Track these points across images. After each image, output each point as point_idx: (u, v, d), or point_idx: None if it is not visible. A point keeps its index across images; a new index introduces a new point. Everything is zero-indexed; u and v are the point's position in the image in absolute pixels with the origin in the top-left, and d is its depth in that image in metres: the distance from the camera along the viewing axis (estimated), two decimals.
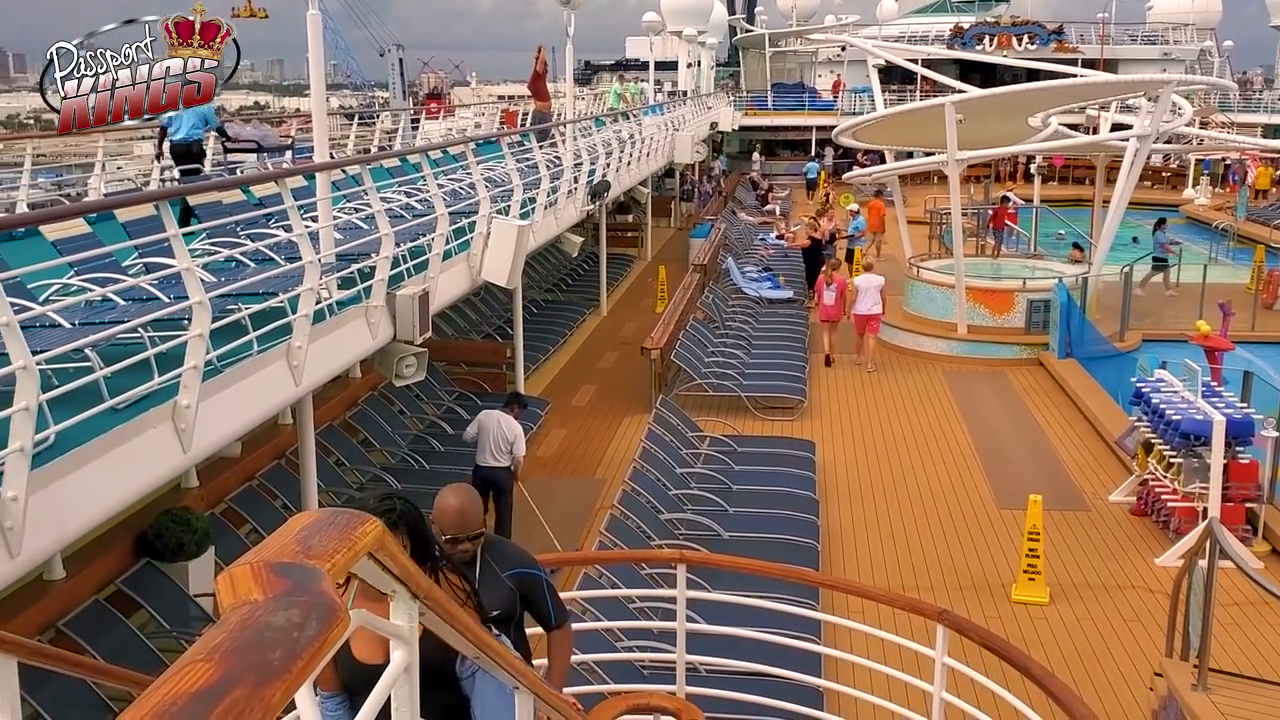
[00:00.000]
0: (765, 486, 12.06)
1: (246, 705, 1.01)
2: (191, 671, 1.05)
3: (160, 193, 8.46)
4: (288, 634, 1.14)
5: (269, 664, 1.08)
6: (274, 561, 1.29)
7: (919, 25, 54.92)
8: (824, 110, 51.28)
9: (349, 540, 1.44)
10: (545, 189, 14.79)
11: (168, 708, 0.98)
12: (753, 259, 26.65)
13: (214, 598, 9.30)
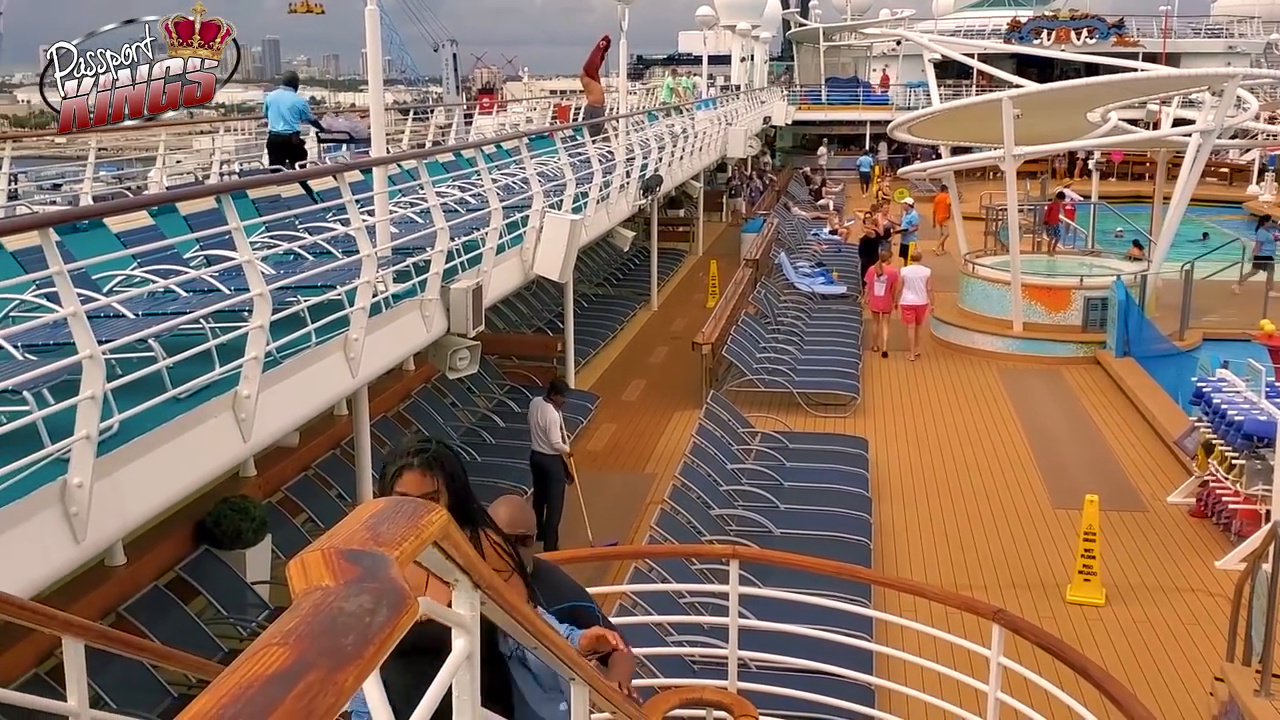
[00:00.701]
0: (817, 483, 12.01)
1: (321, 689, 1.02)
2: (267, 655, 1.07)
3: (222, 186, 8.59)
4: (359, 619, 1.15)
5: (342, 649, 1.09)
6: (344, 548, 1.31)
7: (975, 19, 54.20)
8: (878, 105, 50.86)
9: (416, 528, 1.45)
10: (597, 183, 14.82)
11: (244, 690, 1.00)
12: (806, 254, 26.52)
13: (270, 585, 9.46)
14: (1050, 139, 21.84)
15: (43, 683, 7.23)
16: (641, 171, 18.23)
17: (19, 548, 4.29)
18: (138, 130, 12.82)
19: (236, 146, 20.36)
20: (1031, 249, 23.53)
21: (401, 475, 3.10)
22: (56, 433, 4.74)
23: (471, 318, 9.57)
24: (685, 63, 63.18)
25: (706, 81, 37.40)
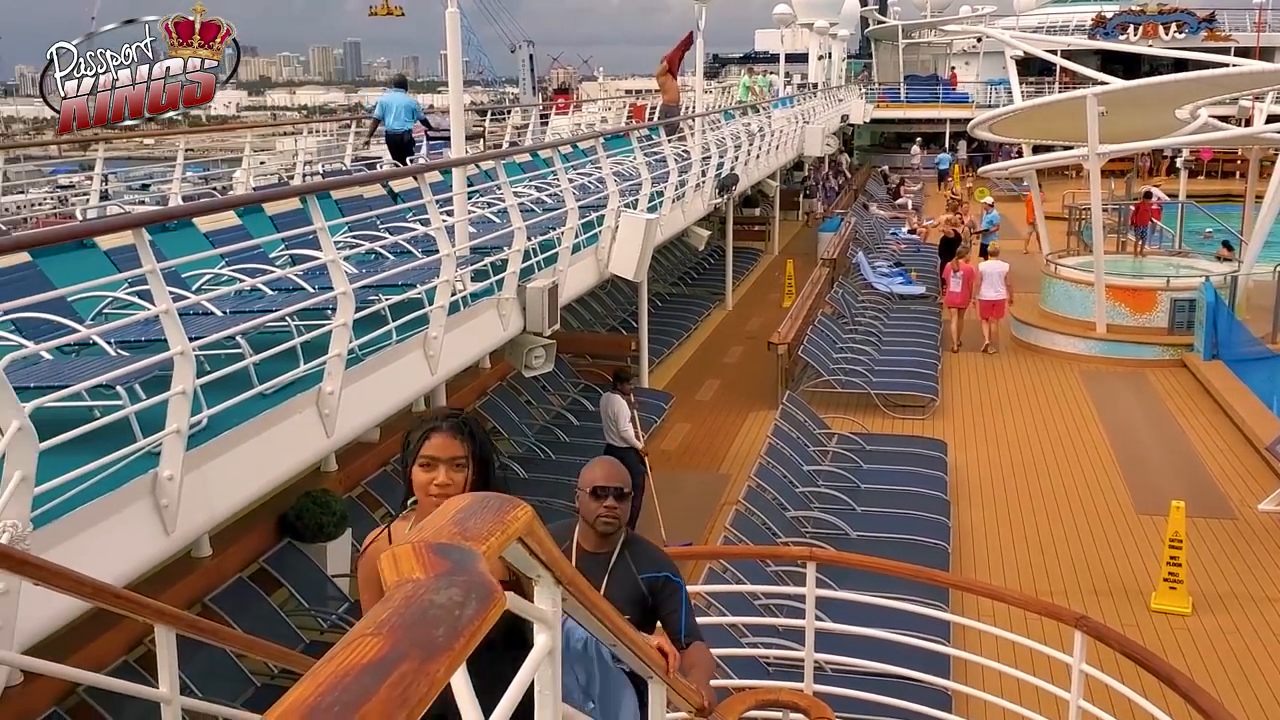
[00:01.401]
0: (895, 486, 11.89)
1: (414, 678, 1.04)
2: (361, 644, 1.09)
3: (307, 187, 8.76)
4: (449, 612, 1.17)
5: (434, 640, 1.11)
6: (434, 542, 1.33)
7: (1058, 15, 53.13)
8: (958, 103, 50.13)
9: (502, 524, 1.47)
10: (673, 182, 14.83)
11: (341, 677, 1.02)
12: (884, 254, 26.25)
13: (350, 578, 9.62)
14: (1136, 137, 21.32)
15: (132, 670, 7.45)
16: (717, 170, 18.19)
17: (112, 538, 4.42)
18: (223, 131, 13.10)
19: (319, 147, 20.74)
20: (1116, 249, 23.02)
21: (430, 437, 3.04)
22: (147, 427, 4.88)
23: (547, 316, 9.64)
24: (761, 61, 63.00)
25: (783, 80, 37.15)
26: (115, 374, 4.76)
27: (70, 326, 5.86)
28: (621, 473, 3.76)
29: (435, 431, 3.04)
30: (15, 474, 3.56)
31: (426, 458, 3.00)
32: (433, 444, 3.03)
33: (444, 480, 2.99)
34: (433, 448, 3.02)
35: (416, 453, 3.02)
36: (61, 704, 7.18)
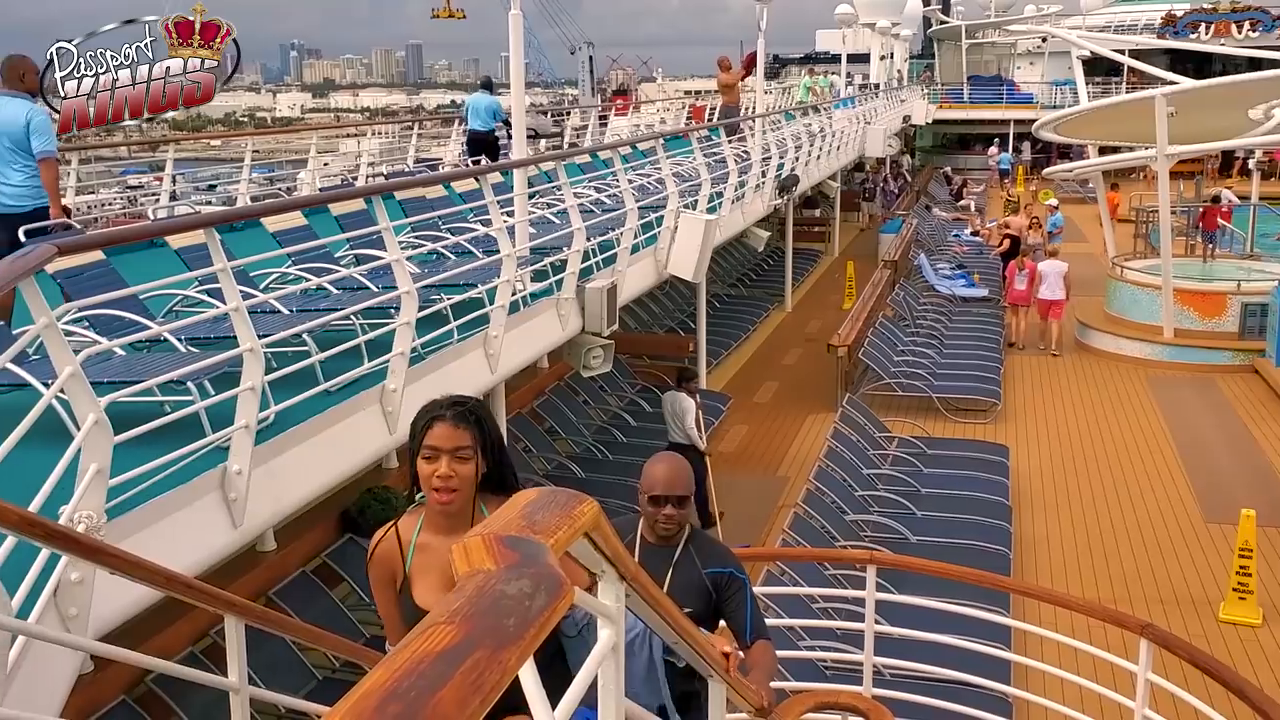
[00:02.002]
0: (955, 491, 11.76)
1: (487, 666, 1.06)
2: (435, 633, 1.11)
3: (372, 188, 8.87)
4: (520, 603, 1.19)
5: (505, 629, 1.13)
6: (503, 534, 1.35)
7: (1126, 13, 52.25)
8: (1022, 103, 49.47)
9: (569, 519, 1.49)
10: (733, 183, 14.80)
11: (416, 664, 1.04)
12: (946, 256, 25.98)
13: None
14: (1207, 138, 20.91)
15: (198, 660, 7.61)
16: (778, 171, 18.13)
17: (183, 531, 4.52)
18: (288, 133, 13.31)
19: (380, 149, 21.00)
20: (1184, 252, 22.58)
21: (432, 426, 2.87)
22: (215, 422, 4.98)
23: (606, 317, 9.68)
24: (822, 61, 62.61)
25: (845, 80, 36.93)
26: (187, 370, 4.86)
27: (142, 323, 6.00)
28: (681, 477, 3.67)
29: (438, 420, 2.88)
30: (91, 466, 3.65)
31: (429, 448, 2.85)
32: (435, 434, 2.87)
33: (445, 472, 2.84)
34: (435, 438, 2.86)
35: (420, 443, 2.87)
36: (130, 693, 7.35)
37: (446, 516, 2.91)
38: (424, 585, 2.91)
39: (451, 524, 2.90)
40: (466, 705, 1.01)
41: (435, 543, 2.92)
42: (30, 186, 6.91)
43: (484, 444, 2.91)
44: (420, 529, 2.95)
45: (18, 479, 3.60)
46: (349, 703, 0.99)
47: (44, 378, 4.67)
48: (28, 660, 3.04)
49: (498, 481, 2.98)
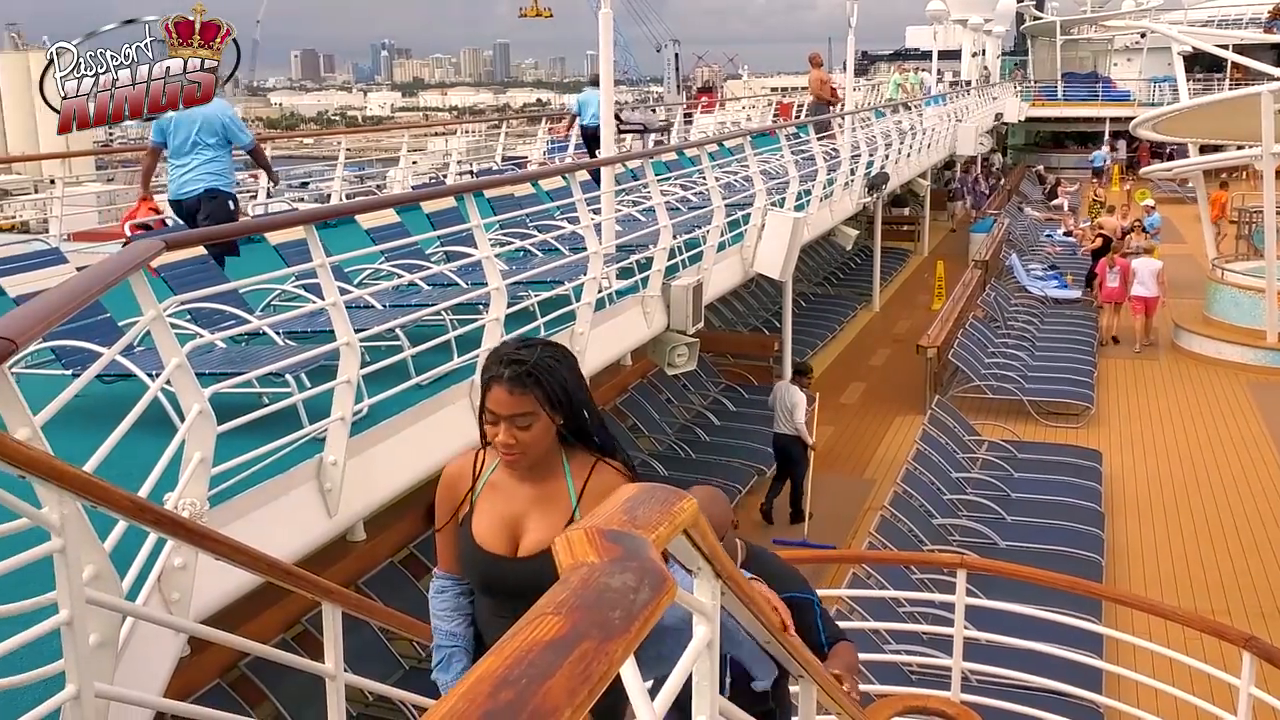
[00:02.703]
0: (1046, 496, 11.54)
1: (594, 657, 1.07)
2: (542, 623, 1.12)
3: (463, 186, 8.98)
4: (624, 596, 1.19)
5: (611, 622, 1.14)
6: (605, 528, 1.36)
7: (1230, 7, 50.62)
8: (1118, 101, 48.22)
9: (670, 515, 1.49)
10: (821, 180, 14.68)
11: (526, 653, 1.06)
12: (1038, 256, 25.48)
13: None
14: None
15: (290, 647, 7.78)
16: (867, 169, 17.94)
17: (279, 519, 4.63)
18: (378, 132, 13.54)
19: (468, 147, 21.26)
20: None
21: (490, 388, 2.67)
22: (311, 414, 5.10)
23: (691, 315, 9.67)
24: (912, 58, 61.78)
25: (935, 77, 36.38)
26: (286, 363, 4.98)
27: (242, 317, 6.16)
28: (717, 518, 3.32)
29: (495, 382, 2.66)
30: (195, 455, 3.76)
31: (490, 412, 2.67)
32: (493, 398, 2.67)
33: (505, 439, 2.66)
34: (493, 402, 2.67)
35: (483, 401, 2.70)
36: (224, 677, 7.55)
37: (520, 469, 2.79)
38: (485, 522, 2.79)
39: (526, 473, 2.79)
40: (575, 695, 1.02)
41: (506, 485, 2.81)
42: (213, 173, 7.85)
43: (554, 402, 2.67)
44: (496, 467, 2.83)
45: (121, 466, 3.72)
46: (463, 687, 1.01)
47: (147, 369, 4.83)
48: (134, 641, 3.14)
49: (578, 434, 2.78)
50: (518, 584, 2.69)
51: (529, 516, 2.76)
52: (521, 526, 2.76)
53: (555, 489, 2.77)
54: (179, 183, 7.96)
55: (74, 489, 2.28)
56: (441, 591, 2.95)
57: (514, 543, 2.76)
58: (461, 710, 0.97)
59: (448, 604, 2.94)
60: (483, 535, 2.77)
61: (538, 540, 2.72)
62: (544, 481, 2.78)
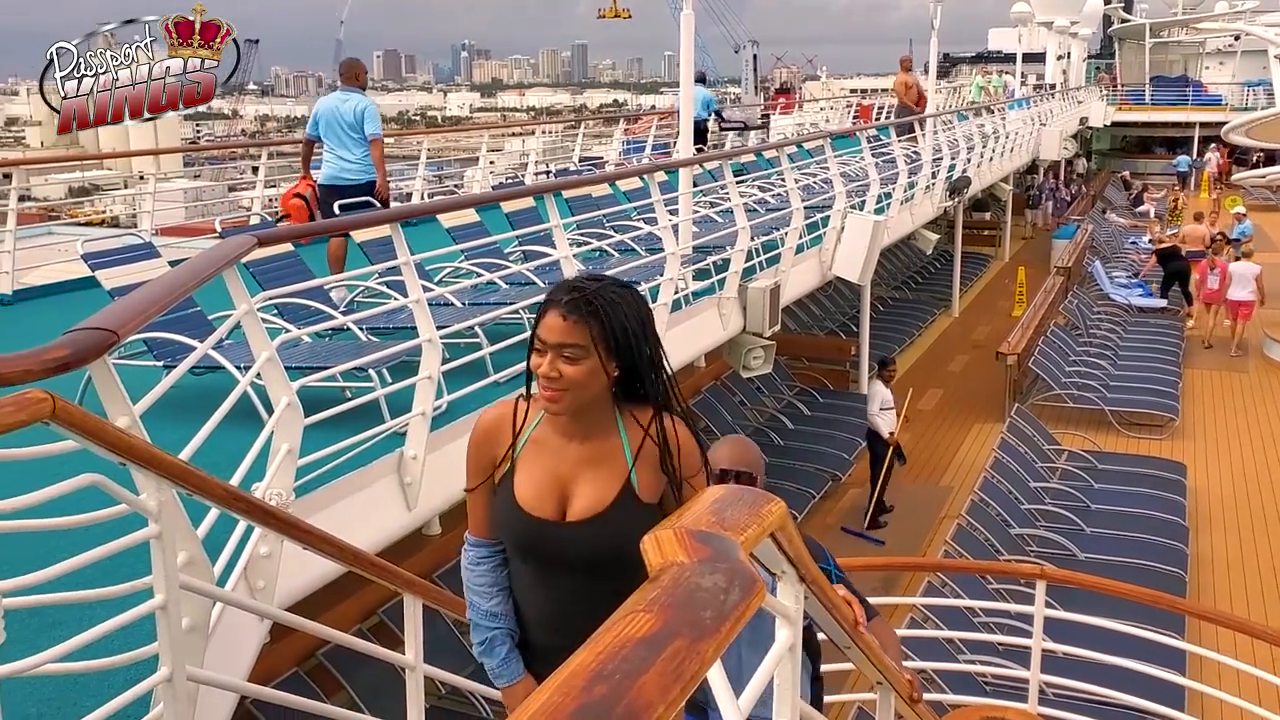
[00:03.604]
0: (1128, 508, 11.28)
1: (687, 655, 1.08)
2: (634, 619, 1.13)
3: (543, 186, 9.07)
4: (715, 596, 1.20)
5: (702, 621, 1.15)
6: (694, 529, 1.37)
7: None
8: (1209, 105, 46.97)
9: (758, 517, 1.50)
10: (902, 184, 14.54)
11: (619, 648, 1.07)
12: (1123, 264, 24.93)
13: None
14: None
15: (366, 638, 7.89)
16: (948, 172, 17.72)
17: (361, 511, 4.72)
18: (456, 132, 13.70)
19: (545, 147, 21.40)
20: None
21: (545, 314, 2.40)
22: (392, 409, 5.18)
23: (768, 317, 9.64)
24: (995, 61, 60.87)
25: (1019, 80, 35.78)
26: (370, 358, 5.08)
27: (327, 313, 6.29)
28: (746, 456, 3.29)
29: (551, 307, 2.40)
30: (283, 447, 3.84)
31: (539, 340, 2.40)
32: (545, 324, 2.40)
33: (548, 371, 2.36)
34: (544, 328, 2.39)
35: (535, 330, 2.42)
36: (301, 665, 7.70)
37: (566, 419, 2.47)
38: (529, 483, 2.51)
39: (574, 427, 2.49)
40: (668, 692, 1.03)
41: (552, 443, 2.51)
42: (363, 163, 8.47)
43: (610, 343, 2.38)
44: (540, 422, 2.53)
45: (208, 456, 3.82)
46: (557, 681, 1.02)
47: (235, 361, 4.96)
48: (222, 627, 3.22)
49: (631, 383, 2.48)
50: (566, 551, 2.49)
51: (579, 478, 2.50)
52: (570, 488, 2.50)
53: (608, 448, 2.49)
54: (331, 170, 8.62)
55: (172, 477, 2.35)
56: (478, 563, 2.69)
57: (562, 506, 2.50)
58: (557, 703, 0.99)
59: (486, 578, 2.68)
60: (526, 497, 2.49)
61: (589, 504, 2.48)
62: (595, 439, 2.50)
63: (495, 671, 2.64)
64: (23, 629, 2.58)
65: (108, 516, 2.34)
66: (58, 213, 18.20)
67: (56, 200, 21.93)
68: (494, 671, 2.64)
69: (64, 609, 3.09)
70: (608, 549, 2.45)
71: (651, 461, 2.49)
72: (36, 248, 10.26)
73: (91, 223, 16.46)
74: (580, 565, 2.49)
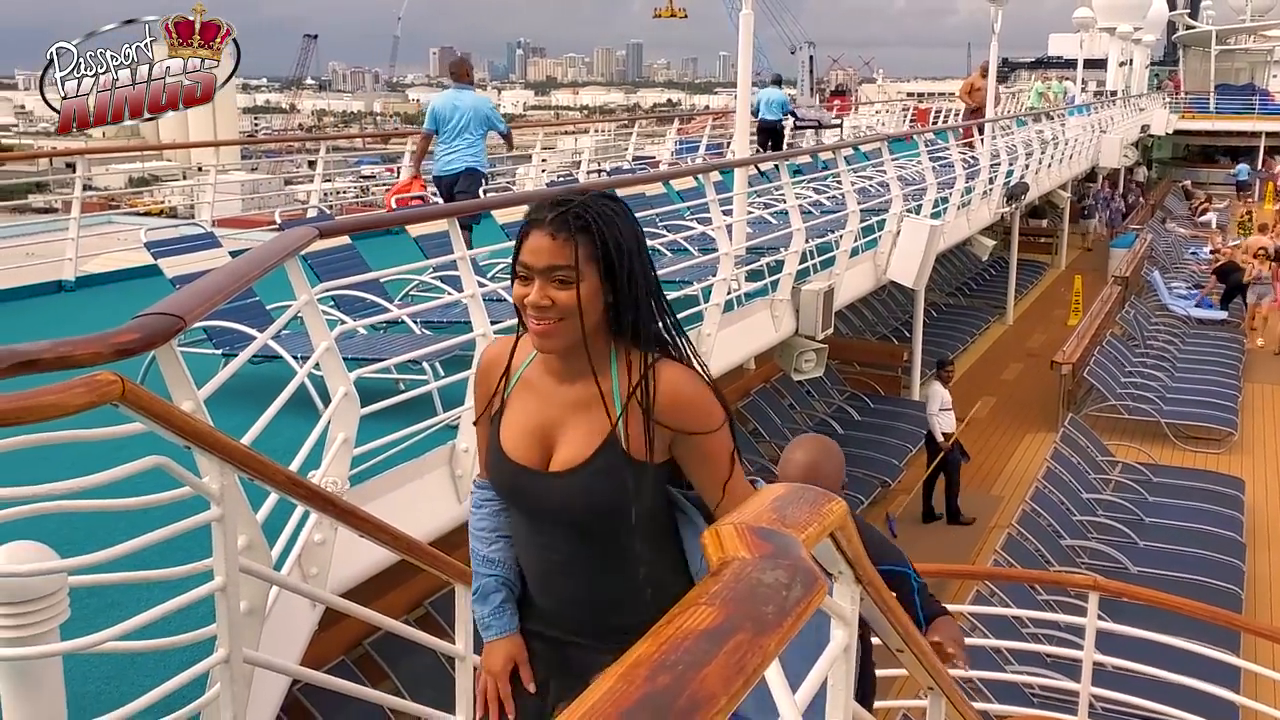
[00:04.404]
0: (1183, 522, 11.10)
1: (749, 649, 1.08)
2: (696, 612, 1.13)
3: (594, 185, 9.09)
4: (777, 592, 1.20)
5: (764, 616, 1.14)
6: (755, 525, 1.37)
7: None
8: (1276, 114, 46.03)
9: (819, 516, 1.49)
10: (959, 188, 14.40)
11: (681, 639, 1.07)
12: (1182, 274, 24.52)
13: None
14: None
15: (414, 626, 7.97)
16: (1006, 178, 17.52)
17: (413, 502, 4.76)
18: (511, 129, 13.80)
19: (598, 146, 21.44)
20: None
21: (529, 235, 2.11)
22: (445, 402, 5.22)
23: (821, 320, 9.59)
24: (1054, 66, 60.05)
25: (1080, 86, 35.26)
26: (424, 351, 5.12)
27: (382, 305, 6.35)
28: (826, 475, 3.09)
29: (535, 226, 2.11)
30: (340, 436, 3.89)
31: (522, 265, 2.12)
32: (529, 246, 2.11)
33: (537, 300, 2.09)
34: (527, 251, 2.11)
35: (516, 254, 2.14)
36: (348, 654, 7.78)
37: (556, 358, 2.23)
38: (514, 426, 2.27)
39: (565, 368, 2.23)
40: (731, 685, 1.03)
41: (541, 385, 2.27)
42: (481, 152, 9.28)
43: (606, 263, 2.10)
44: (531, 361, 2.29)
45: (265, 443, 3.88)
46: (620, 669, 1.03)
47: (293, 351, 5.02)
48: (276, 611, 3.26)
49: (630, 320, 2.17)
50: (547, 502, 2.26)
51: (565, 424, 2.23)
52: (555, 435, 2.24)
53: (598, 394, 2.20)
54: (444, 161, 9.18)
55: (235, 461, 2.39)
56: (480, 505, 2.50)
57: (546, 454, 2.25)
58: (621, 691, 0.99)
59: (486, 522, 2.47)
60: (511, 441, 2.27)
61: (570, 454, 2.22)
62: (585, 382, 2.21)
63: (484, 622, 2.44)
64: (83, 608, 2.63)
65: (171, 499, 2.38)
66: (118, 202, 18.57)
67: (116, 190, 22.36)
68: (483, 622, 2.44)
69: (122, 589, 3.15)
70: (583, 506, 2.22)
71: (638, 409, 2.19)
72: (98, 235, 10.45)
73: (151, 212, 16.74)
74: (563, 520, 2.27)
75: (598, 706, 0.97)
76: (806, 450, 3.16)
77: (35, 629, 2.10)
